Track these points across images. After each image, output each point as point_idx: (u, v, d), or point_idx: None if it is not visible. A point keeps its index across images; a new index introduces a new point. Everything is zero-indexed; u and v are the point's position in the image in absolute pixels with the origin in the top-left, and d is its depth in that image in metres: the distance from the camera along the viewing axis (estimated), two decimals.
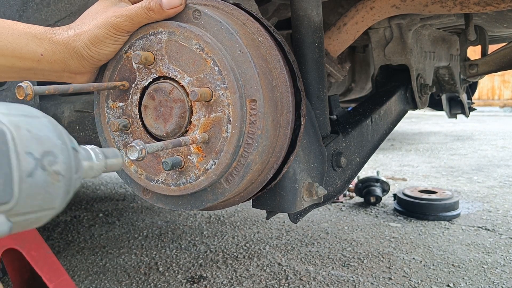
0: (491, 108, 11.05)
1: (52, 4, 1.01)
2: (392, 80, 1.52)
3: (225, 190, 0.70)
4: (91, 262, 2.16)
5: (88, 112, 1.21)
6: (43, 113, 0.42)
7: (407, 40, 1.42)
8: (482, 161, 4.52)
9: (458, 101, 2.35)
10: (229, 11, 0.72)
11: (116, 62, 0.73)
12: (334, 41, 1.29)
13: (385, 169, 4.23)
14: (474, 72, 1.84)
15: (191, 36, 0.66)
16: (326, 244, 2.33)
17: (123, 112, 0.74)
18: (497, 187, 3.42)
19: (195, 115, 0.68)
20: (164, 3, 0.67)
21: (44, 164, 0.38)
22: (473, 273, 1.95)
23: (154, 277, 1.98)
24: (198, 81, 0.66)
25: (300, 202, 0.83)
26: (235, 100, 0.64)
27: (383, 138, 1.26)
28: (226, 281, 1.92)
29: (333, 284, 1.88)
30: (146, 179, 0.74)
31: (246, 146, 0.67)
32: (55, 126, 0.41)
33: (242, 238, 2.43)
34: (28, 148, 0.37)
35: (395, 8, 1.20)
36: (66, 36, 0.69)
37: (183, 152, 0.69)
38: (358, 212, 2.86)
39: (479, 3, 1.11)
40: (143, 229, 2.63)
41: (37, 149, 0.38)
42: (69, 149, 0.41)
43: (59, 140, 0.40)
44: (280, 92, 0.70)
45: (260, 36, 0.70)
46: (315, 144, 0.87)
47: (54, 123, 0.41)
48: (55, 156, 0.39)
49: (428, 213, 2.67)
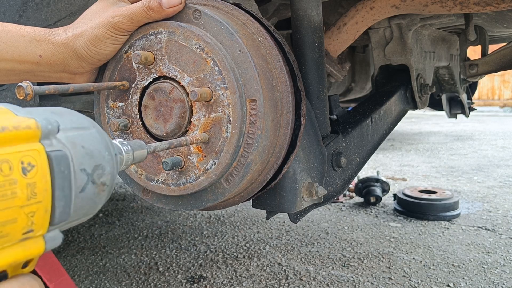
0: (491, 108, 11.05)
1: (52, 4, 1.01)
2: (392, 80, 1.52)
3: (225, 190, 0.70)
4: (91, 262, 2.16)
5: (88, 112, 1.21)
6: (91, 122, 0.43)
7: (407, 40, 1.42)
8: (482, 161, 4.52)
9: (458, 101, 2.35)
10: (229, 11, 0.72)
11: (116, 62, 0.73)
12: (334, 41, 1.29)
13: (385, 169, 4.23)
14: (474, 72, 1.84)
15: (191, 36, 0.66)
16: (326, 244, 2.33)
17: (123, 112, 0.74)
18: (497, 187, 3.42)
19: (195, 115, 0.68)
20: (163, 2, 0.67)
21: (94, 178, 0.39)
22: (473, 273, 1.95)
23: (154, 277, 1.98)
24: (198, 81, 0.66)
25: (300, 202, 0.83)
26: (235, 100, 0.64)
27: (383, 138, 1.26)
28: (226, 281, 1.92)
29: (333, 284, 1.88)
30: (146, 179, 0.74)
31: (246, 146, 0.67)
32: (102, 136, 0.42)
33: (242, 238, 2.43)
34: (82, 165, 0.38)
35: (395, 8, 1.20)
36: (65, 37, 0.68)
37: (183, 152, 0.69)
38: (358, 212, 2.86)
39: (479, 3, 1.11)
40: (143, 229, 2.63)
41: (89, 164, 0.39)
42: (113, 157, 0.43)
43: (106, 151, 0.42)
44: (280, 92, 0.70)
45: (260, 36, 0.70)
46: (315, 144, 0.87)
47: (101, 132, 0.42)
48: (103, 168, 0.41)
49: (428, 213, 2.67)
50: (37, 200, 0.34)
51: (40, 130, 0.35)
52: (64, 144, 0.37)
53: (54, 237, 0.37)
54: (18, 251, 0.35)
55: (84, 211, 0.40)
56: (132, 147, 0.50)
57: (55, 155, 0.36)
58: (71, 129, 0.39)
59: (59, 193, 0.36)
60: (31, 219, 0.34)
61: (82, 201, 0.39)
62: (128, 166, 0.50)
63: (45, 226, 0.36)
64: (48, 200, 0.35)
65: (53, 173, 0.36)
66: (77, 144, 0.38)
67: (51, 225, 0.36)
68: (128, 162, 0.49)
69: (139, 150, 0.51)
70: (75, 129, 0.39)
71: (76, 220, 0.40)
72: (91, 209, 0.41)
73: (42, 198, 0.35)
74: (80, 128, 0.40)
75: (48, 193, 0.35)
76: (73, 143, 0.38)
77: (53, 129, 0.37)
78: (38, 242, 0.36)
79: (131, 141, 0.51)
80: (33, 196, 0.34)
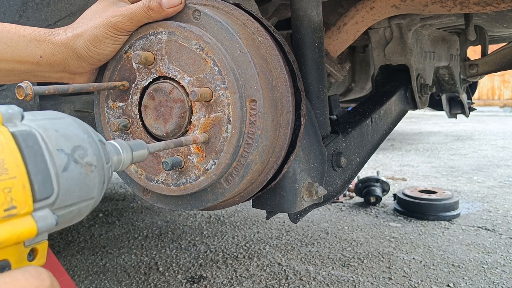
0: (491, 108, 11.05)
1: (52, 4, 1.01)
2: (392, 80, 1.52)
3: (225, 190, 0.70)
4: (91, 262, 2.16)
5: (88, 112, 1.21)
6: (68, 115, 0.44)
7: (407, 40, 1.42)
8: (482, 161, 4.52)
9: (458, 101, 2.35)
10: (229, 11, 0.72)
11: (116, 62, 0.73)
12: (334, 41, 1.29)
13: (385, 169, 4.23)
14: (474, 72, 1.84)
15: (191, 36, 0.66)
16: (326, 244, 2.33)
17: (123, 112, 0.74)
18: (497, 187, 3.42)
19: (195, 115, 0.67)
20: (163, 2, 0.67)
21: (75, 158, 0.40)
22: (473, 273, 1.95)
23: (154, 277, 1.98)
24: (198, 81, 0.66)
25: (300, 202, 0.83)
26: (235, 100, 0.64)
27: (383, 138, 1.26)
28: (226, 281, 1.92)
29: (333, 284, 1.88)
30: (146, 179, 0.74)
31: (246, 146, 0.67)
32: (79, 123, 0.44)
33: (242, 238, 2.43)
34: (58, 146, 0.39)
35: (395, 8, 1.20)
36: (65, 37, 0.68)
37: (183, 152, 0.69)
38: (358, 212, 2.86)
39: (479, 3, 1.11)
40: (143, 229, 2.63)
41: (66, 145, 0.40)
42: (96, 141, 0.44)
43: (85, 134, 0.43)
44: (280, 92, 0.70)
45: (260, 36, 0.70)
46: (315, 144, 0.87)
47: (78, 121, 0.44)
48: (85, 149, 0.42)
49: (428, 213, 2.67)
50: (10, 176, 0.35)
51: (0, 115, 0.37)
52: (31, 127, 0.39)
53: (45, 216, 0.38)
54: (6, 229, 0.35)
55: (77, 193, 0.40)
56: (132, 146, 0.50)
57: (19, 133, 0.37)
58: (42, 119, 0.41)
59: (33, 168, 0.37)
60: (9, 195, 0.35)
61: (69, 180, 0.39)
62: (128, 165, 0.50)
63: (28, 203, 0.36)
64: (23, 175, 0.36)
65: (21, 149, 0.37)
66: (48, 129, 0.40)
67: (35, 201, 0.37)
68: (128, 162, 0.50)
69: (139, 150, 0.51)
70: (46, 119, 0.41)
71: (73, 204, 0.40)
72: (84, 191, 0.41)
73: (15, 174, 0.36)
74: (52, 118, 0.42)
75: (21, 168, 0.36)
76: (44, 128, 0.39)
77: (14, 113, 0.38)
78: (26, 220, 0.36)
79: (131, 141, 0.51)
80: (5, 172, 0.35)
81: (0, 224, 0.35)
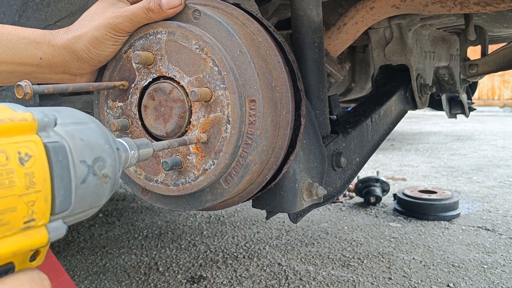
0: (491, 108, 11.05)
1: (52, 4, 1.01)
2: (392, 80, 1.52)
3: (224, 191, 0.70)
4: (91, 262, 2.16)
5: (88, 112, 1.21)
6: (90, 117, 0.44)
7: (407, 40, 1.42)
8: (482, 161, 4.52)
9: (458, 101, 2.35)
10: (229, 11, 0.72)
11: (116, 62, 0.73)
12: (334, 41, 1.29)
13: (385, 169, 4.22)
14: (474, 72, 1.84)
15: (190, 36, 0.66)
16: (326, 244, 2.33)
17: (123, 112, 0.74)
18: (497, 187, 3.42)
19: (194, 115, 0.67)
20: (163, 3, 0.67)
21: (95, 170, 0.40)
22: (473, 273, 1.95)
23: (154, 277, 1.98)
24: (197, 81, 0.66)
25: (300, 202, 0.82)
26: (234, 100, 0.64)
27: (383, 138, 1.26)
28: (226, 281, 1.92)
29: (333, 284, 1.88)
30: (145, 179, 0.74)
31: (245, 146, 0.66)
32: (102, 130, 0.43)
33: (242, 238, 2.43)
34: (82, 157, 0.39)
35: (395, 8, 1.20)
36: (66, 39, 0.68)
37: (182, 152, 0.69)
38: (358, 212, 2.86)
39: (479, 3, 1.11)
40: (143, 229, 2.62)
41: (89, 156, 0.40)
42: (114, 151, 0.44)
43: (106, 144, 0.43)
44: (280, 92, 0.70)
45: (260, 36, 0.70)
46: (315, 144, 0.87)
47: (101, 126, 0.44)
48: (104, 161, 0.42)
49: (428, 213, 2.67)
50: (36, 190, 0.35)
51: (36, 122, 0.36)
52: (62, 136, 0.38)
53: (58, 227, 0.38)
54: (21, 240, 0.35)
55: (88, 203, 0.40)
56: (138, 145, 0.50)
57: (52, 145, 0.37)
58: (70, 123, 0.40)
59: (58, 182, 0.37)
60: (31, 208, 0.35)
61: (84, 192, 0.39)
62: (134, 164, 0.51)
63: (46, 216, 0.37)
64: (47, 189, 0.36)
65: (51, 163, 0.37)
66: (75, 137, 0.39)
67: (53, 214, 0.37)
68: (134, 160, 0.50)
69: (145, 149, 0.51)
70: (73, 124, 0.41)
71: (81, 212, 0.41)
72: (95, 201, 0.41)
73: (41, 188, 0.36)
74: (79, 123, 0.41)
75: (47, 182, 0.36)
76: (72, 136, 0.39)
77: (49, 121, 0.38)
78: (41, 232, 0.37)
79: (137, 140, 0.51)
80: (32, 186, 0.35)
81: (16, 235, 0.35)
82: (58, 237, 0.38)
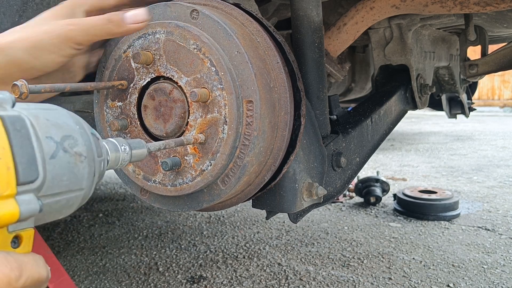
0: (491, 108, 11.04)
1: (52, 4, 1.01)
2: (392, 80, 1.52)
3: (222, 192, 0.70)
4: (91, 262, 2.16)
5: (88, 112, 1.21)
6: (61, 107, 0.44)
7: (407, 40, 1.41)
8: (482, 161, 4.52)
9: (458, 101, 2.35)
10: (228, 11, 0.72)
11: (115, 61, 0.73)
12: (334, 41, 1.29)
13: (385, 169, 4.22)
14: (474, 72, 1.84)
15: (188, 36, 0.66)
16: (326, 244, 2.32)
17: (122, 112, 0.74)
18: (497, 187, 3.42)
19: (192, 116, 0.67)
20: (127, 16, 0.62)
21: (65, 147, 0.40)
22: (473, 273, 1.95)
23: (154, 277, 1.98)
24: (195, 81, 0.66)
25: (300, 202, 0.82)
26: (231, 101, 0.64)
27: (383, 138, 1.26)
28: (226, 281, 1.91)
29: (333, 284, 1.88)
30: (144, 179, 0.74)
31: (242, 147, 0.66)
32: (72, 115, 0.44)
33: (242, 238, 2.43)
34: (47, 133, 0.39)
35: (395, 8, 1.20)
36: (4, 42, 0.61)
37: (179, 153, 0.69)
38: (358, 212, 2.86)
39: (479, 3, 1.11)
40: (143, 229, 2.62)
41: (56, 133, 0.40)
42: (88, 133, 0.44)
43: (77, 126, 0.43)
44: (278, 93, 0.70)
45: (258, 36, 0.70)
46: (315, 144, 0.87)
47: (71, 113, 0.44)
48: (75, 139, 0.41)
49: (428, 213, 2.67)
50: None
51: None
52: (21, 113, 0.39)
53: (29, 201, 0.37)
54: None
55: (65, 182, 0.40)
56: (131, 145, 0.50)
57: (8, 116, 0.37)
58: (35, 108, 0.41)
59: (18, 150, 0.37)
60: None
61: (57, 168, 0.39)
62: (127, 164, 0.50)
63: (12, 185, 0.36)
64: (7, 157, 0.36)
65: (8, 131, 0.37)
66: (39, 117, 0.40)
67: (19, 184, 0.37)
68: (127, 160, 0.49)
69: (138, 149, 0.51)
70: (39, 109, 0.41)
71: (62, 193, 0.40)
72: (72, 180, 0.41)
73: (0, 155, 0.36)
74: (45, 108, 0.42)
75: (6, 150, 0.36)
76: (36, 115, 0.40)
77: (5, 98, 0.38)
78: (9, 203, 0.36)
79: (131, 140, 0.51)
80: None
81: None
82: (32, 212, 0.37)
